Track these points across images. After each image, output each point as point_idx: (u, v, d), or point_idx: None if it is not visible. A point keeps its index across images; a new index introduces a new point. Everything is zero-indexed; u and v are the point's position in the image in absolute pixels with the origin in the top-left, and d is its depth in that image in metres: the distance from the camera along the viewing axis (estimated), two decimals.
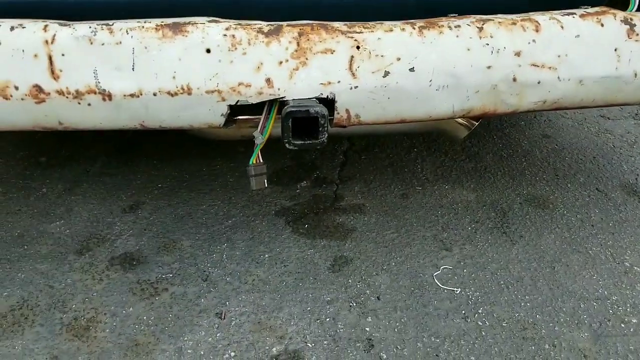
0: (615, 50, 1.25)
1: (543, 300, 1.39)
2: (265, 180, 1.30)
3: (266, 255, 1.52)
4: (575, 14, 1.26)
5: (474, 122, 1.54)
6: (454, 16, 1.26)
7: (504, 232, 1.63)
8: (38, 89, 1.11)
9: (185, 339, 1.25)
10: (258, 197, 1.79)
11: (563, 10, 1.28)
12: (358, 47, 1.17)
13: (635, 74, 1.27)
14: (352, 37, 1.16)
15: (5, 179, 1.88)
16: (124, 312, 1.33)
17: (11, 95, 1.11)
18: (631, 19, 1.25)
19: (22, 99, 1.12)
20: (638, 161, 2.04)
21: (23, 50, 1.09)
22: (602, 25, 1.24)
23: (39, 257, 1.51)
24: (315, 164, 2.00)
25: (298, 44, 1.15)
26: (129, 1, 1.25)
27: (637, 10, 1.34)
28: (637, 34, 1.25)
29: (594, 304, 1.37)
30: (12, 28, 1.10)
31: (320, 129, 1.13)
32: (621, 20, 1.25)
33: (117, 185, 1.85)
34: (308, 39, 1.16)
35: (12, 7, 1.21)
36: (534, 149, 2.13)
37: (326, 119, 1.14)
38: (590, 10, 1.27)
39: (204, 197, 1.80)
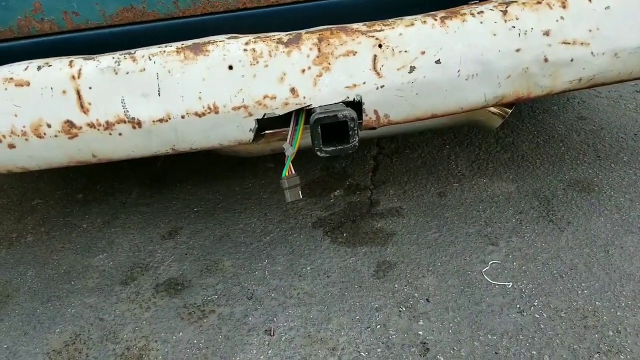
0: None
1: (601, 285, 1.30)
2: (300, 192, 1.27)
3: (308, 268, 1.49)
4: None
5: (507, 110, 1.48)
6: (474, 3, 1.22)
7: (551, 220, 1.55)
8: (70, 124, 1.13)
9: (237, 359, 1.22)
10: (293, 211, 1.77)
11: None
12: (380, 46, 1.14)
13: None
14: (373, 36, 1.13)
15: (47, 218, 1.92)
16: (174, 337, 1.31)
17: (45, 134, 1.13)
18: None
19: (55, 136, 1.13)
20: None
21: (52, 88, 1.11)
22: None
23: (87, 291, 1.52)
24: (346, 172, 1.97)
25: (319, 49, 1.13)
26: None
27: None
28: None
29: None
30: (39, 67, 1.12)
31: (350, 132, 1.10)
32: None
33: (154, 214, 1.86)
34: (328, 44, 1.13)
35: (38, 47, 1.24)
36: (571, 132, 2.04)
37: (355, 122, 1.11)
38: None
39: (240, 216, 1.79)
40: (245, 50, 1.13)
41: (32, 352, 1.33)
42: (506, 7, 1.16)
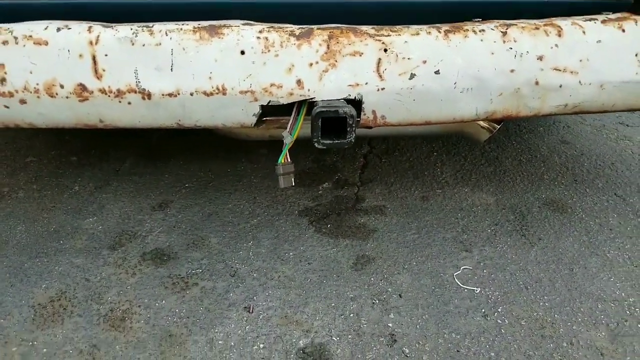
0: (637, 55, 1.27)
1: (561, 300, 1.39)
2: (293, 179, 1.33)
3: (291, 254, 1.55)
4: (597, 19, 1.28)
5: (496, 125, 1.56)
6: (478, 21, 1.29)
7: (523, 235, 1.63)
8: (82, 87, 1.16)
9: (216, 330, 1.28)
10: (282, 198, 1.83)
11: (585, 16, 1.31)
12: (385, 50, 1.20)
13: None
14: (380, 40, 1.20)
15: (40, 177, 1.94)
16: (157, 304, 1.36)
17: (57, 94, 1.17)
18: None
19: (66, 97, 1.17)
20: None
21: (69, 50, 1.15)
22: (624, 30, 1.26)
23: (75, 251, 1.56)
24: (336, 167, 2.03)
25: (328, 46, 1.19)
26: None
27: None
28: None
29: (612, 305, 1.37)
30: (58, 29, 1.16)
31: (348, 129, 1.17)
32: None
33: (146, 185, 1.90)
34: (337, 42, 1.19)
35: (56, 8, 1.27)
36: (553, 154, 2.14)
37: (354, 119, 1.17)
38: (612, 16, 1.29)
39: (230, 196, 1.84)
40: (258, 38, 1.18)
41: (17, 303, 1.36)
42: (506, 29, 1.24)
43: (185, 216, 1.73)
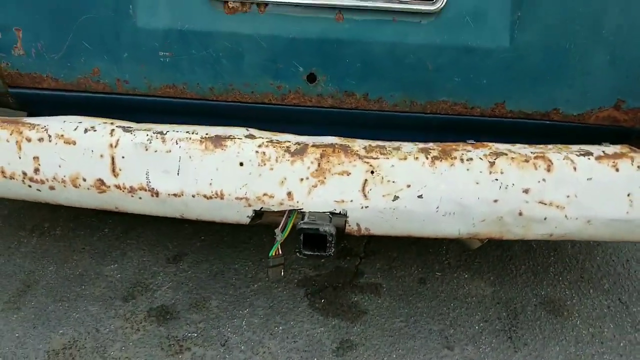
0: (629, 195, 1.26)
1: None
2: (282, 272, 1.43)
3: (280, 328, 1.65)
4: (592, 154, 1.28)
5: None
6: (472, 143, 1.33)
7: (510, 337, 1.64)
8: (101, 182, 1.32)
9: None
10: (287, 262, 1.93)
11: (581, 147, 1.31)
12: (372, 172, 1.27)
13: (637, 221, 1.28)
14: (367, 162, 1.27)
15: (77, 216, 2.16)
16: None
17: (80, 185, 1.33)
18: None
19: (87, 189, 1.33)
20: None
21: (92, 151, 1.30)
22: (617, 170, 1.26)
23: (92, 299, 1.74)
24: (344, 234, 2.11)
25: (319, 164, 1.27)
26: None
27: None
28: None
29: None
30: (85, 130, 1.32)
31: (328, 245, 1.25)
32: (638, 166, 1.26)
33: (166, 234, 2.06)
34: (328, 161, 1.28)
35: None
36: (567, 242, 2.10)
37: (334, 237, 1.25)
38: (609, 150, 1.29)
39: (238, 255, 1.96)
40: (257, 152, 1.28)
41: (36, 347, 1.56)
42: (495, 159, 1.27)
43: (194, 273, 1.87)
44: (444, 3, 1.25)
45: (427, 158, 1.27)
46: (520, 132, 1.42)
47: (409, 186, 1.26)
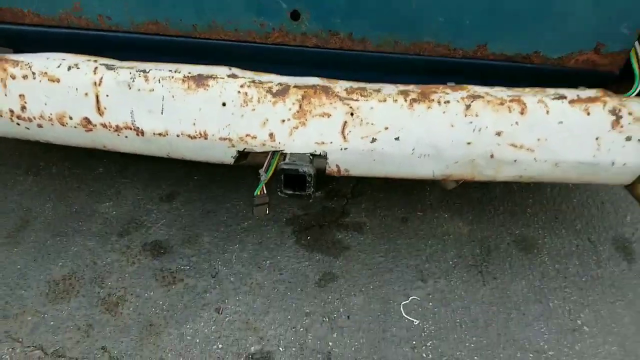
0: (597, 139, 1.28)
1: (487, 344, 1.50)
2: (267, 210, 1.48)
3: (268, 262, 1.73)
4: (565, 98, 1.29)
5: None
6: (451, 86, 1.33)
7: (480, 272, 1.73)
8: (87, 120, 1.33)
9: (188, 326, 1.50)
10: (276, 202, 1.98)
11: (557, 91, 1.31)
12: (352, 114, 1.28)
13: (613, 163, 1.30)
14: (348, 104, 1.28)
15: (71, 154, 2.18)
16: (146, 295, 1.60)
17: (67, 123, 1.34)
18: (619, 110, 1.27)
19: (74, 127, 1.35)
20: None
21: (76, 89, 1.30)
22: (588, 114, 1.27)
23: (89, 234, 1.80)
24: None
25: (300, 106, 1.28)
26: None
27: (637, 95, 1.35)
28: (622, 126, 1.27)
29: (530, 355, 1.47)
30: (69, 67, 1.31)
31: (307, 185, 1.28)
32: (609, 111, 1.27)
33: (160, 173, 2.10)
34: (309, 102, 1.28)
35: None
36: (546, 184, 2.15)
37: (313, 177, 1.28)
38: (584, 94, 1.29)
39: (230, 195, 2.01)
40: (239, 92, 1.29)
41: (37, 277, 1.63)
42: (471, 102, 1.28)
43: (187, 211, 1.93)
44: None
45: (405, 101, 1.28)
46: (503, 75, 1.41)
47: (386, 128, 1.28)
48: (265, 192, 1.45)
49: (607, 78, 1.39)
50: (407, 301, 1.60)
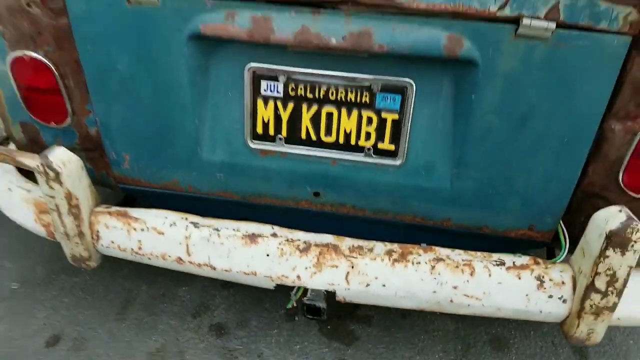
0: (527, 295, 1.79)
1: None
2: (296, 316, 2.10)
3: (298, 346, 2.34)
4: (504, 264, 1.80)
5: None
6: (424, 247, 1.89)
7: None
8: (179, 259, 2.01)
9: None
10: (298, 311, 2.59)
11: (499, 257, 1.83)
12: (352, 267, 1.87)
13: (540, 311, 1.80)
14: (349, 260, 1.87)
15: None
16: None
17: (167, 259, 2.03)
18: (543, 276, 1.77)
19: (171, 262, 2.03)
20: None
21: (174, 239, 1.99)
22: (520, 278, 1.78)
23: (172, 314, 2.50)
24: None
25: (317, 259, 1.89)
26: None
27: (562, 262, 1.85)
28: (545, 288, 1.77)
29: None
30: (170, 225, 2.00)
31: (321, 313, 1.89)
32: (535, 277, 1.77)
33: None
34: (324, 257, 1.89)
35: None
36: None
37: (325, 309, 1.88)
38: (518, 262, 1.81)
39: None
40: (277, 247, 1.92)
41: (140, 349, 2.34)
42: (436, 264, 1.83)
43: (241, 297, 2.58)
44: (403, 160, 1.79)
45: (389, 260, 1.86)
46: (463, 236, 1.96)
47: (376, 278, 1.86)
48: (295, 305, 2.08)
49: (541, 244, 1.89)
50: None
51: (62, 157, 1.81)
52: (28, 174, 2.15)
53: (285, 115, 1.79)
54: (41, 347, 2.32)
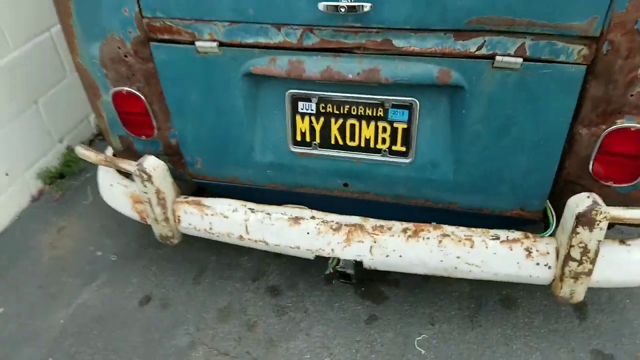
0: (518, 263, 2.21)
1: None
2: (334, 280, 2.64)
3: (337, 304, 2.89)
4: (499, 238, 2.23)
5: None
6: (434, 225, 2.35)
7: (471, 321, 2.71)
8: (241, 237, 2.58)
9: (290, 343, 2.74)
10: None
11: (496, 233, 2.25)
12: (375, 242, 2.37)
13: (530, 276, 2.22)
14: (372, 236, 2.36)
15: None
16: (270, 321, 2.86)
17: (231, 236, 2.61)
18: (531, 248, 2.19)
19: (235, 239, 2.62)
20: None
21: (236, 221, 2.56)
22: (511, 249, 2.21)
23: (236, 279, 3.10)
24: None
25: (347, 236, 2.40)
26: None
27: (550, 235, 2.25)
28: (532, 257, 2.18)
29: None
30: (233, 210, 2.57)
31: (351, 277, 2.41)
32: (524, 248, 2.19)
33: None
34: (352, 234, 2.39)
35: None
36: None
37: (353, 275, 2.40)
38: (511, 236, 2.23)
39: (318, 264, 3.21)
40: (315, 227, 2.43)
41: (211, 306, 2.97)
42: (442, 239, 2.28)
43: (290, 265, 3.15)
44: (412, 159, 2.24)
45: (405, 236, 2.34)
46: (467, 215, 2.39)
47: (394, 251, 2.35)
48: (332, 271, 2.62)
49: (533, 221, 2.30)
50: (420, 338, 2.67)
51: (153, 164, 2.41)
52: (124, 173, 2.80)
53: (317, 127, 2.27)
54: (136, 305, 3.01)
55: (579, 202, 1.99)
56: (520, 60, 1.79)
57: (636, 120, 1.84)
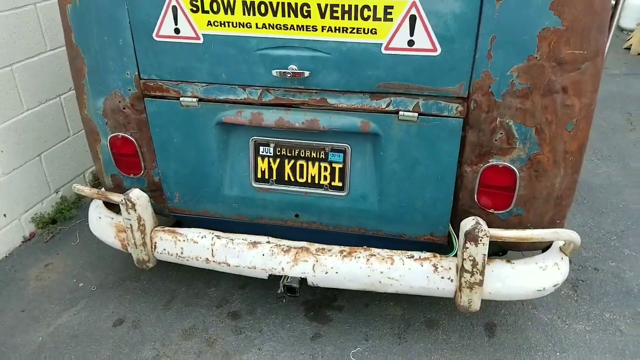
0: (427, 277, 2.64)
1: None
2: (284, 299, 2.98)
3: (288, 325, 3.19)
4: (413, 257, 2.68)
5: None
6: (364, 248, 2.78)
7: (399, 337, 3.05)
8: (207, 259, 2.95)
9: (243, 356, 3.00)
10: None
11: (411, 253, 2.70)
12: (317, 261, 2.77)
13: (438, 288, 2.64)
14: (315, 257, 2.78)
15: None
16: (228, 339, 3.13)
17: (198, 260, 2.97)
18: (436, 264, 2.63)
19: (202, 262, 2.97)
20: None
21: (204, 246, 2.93)
22: (422, 265, 2.65)
23: (202, 305, 3.40)
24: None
25: (295, 257, 2.80)
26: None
27: (454, 256, 2.70)
28: (438, 272, 2.62)
29: None
30: (202, 237, 2.95)
31: (297, 292, 2.78)
32: (432, 265, 2.64)
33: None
34: (299, 255, 2.80)
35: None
36: None
37: (299, 289, 2.77)
38: (423, 256, 2.68)
39: (271, 286, 3.54)
40: (270, 250, 2.84)
41: (178, 327, 3.23)
42: (369, 258, 2.71)
43: (251, 294, 3.47)
44: (347, 193, 2.74)
45: (341, 256, 2.76)
46: (393, 241, 2.84)
47: (332, 268, 2.75)
48: (283, 291, 2.96)
49: (441, 245, 2.77)
50: (355, 350, 2.98)
51: (137, 194, 2.85)
52: (111, 207, 3.19)
53: (274, 166, 2.78)
54: (110, 326, 3.26)
55: (466, 223, 2.49)
56: (416, 114, 2.38)
57: (502, 159, 2.41)
